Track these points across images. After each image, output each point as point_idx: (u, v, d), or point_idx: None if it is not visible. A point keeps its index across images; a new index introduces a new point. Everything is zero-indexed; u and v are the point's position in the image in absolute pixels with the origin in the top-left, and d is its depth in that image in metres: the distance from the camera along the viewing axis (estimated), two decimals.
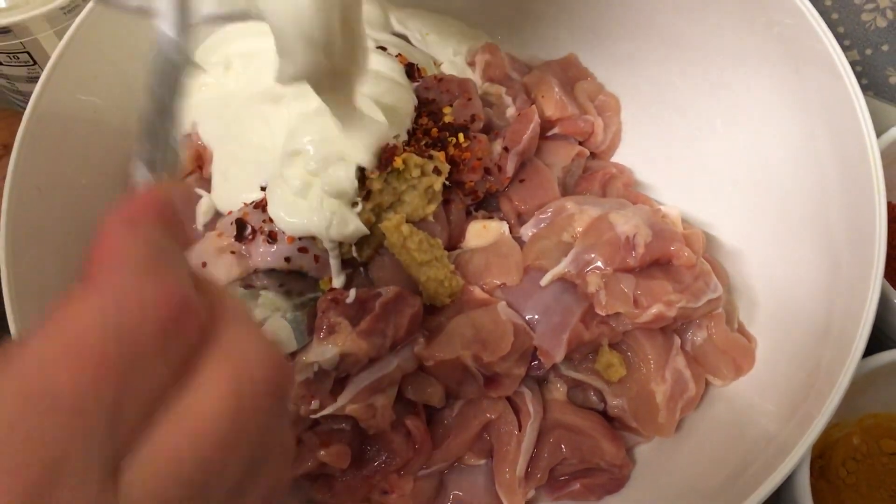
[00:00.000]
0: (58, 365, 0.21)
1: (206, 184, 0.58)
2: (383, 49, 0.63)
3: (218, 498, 0.24)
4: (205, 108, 0.60)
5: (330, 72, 0.42)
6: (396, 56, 0.63)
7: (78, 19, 0.55)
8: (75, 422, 0.21)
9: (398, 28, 0.69)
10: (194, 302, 0.24)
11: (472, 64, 0.69)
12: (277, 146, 0.55)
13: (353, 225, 0.51)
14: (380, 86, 0.56)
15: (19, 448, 0.20)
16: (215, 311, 0.26)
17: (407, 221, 0.53)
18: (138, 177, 0.30)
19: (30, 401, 0.21)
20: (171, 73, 0.31)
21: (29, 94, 0.53)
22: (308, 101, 0.54)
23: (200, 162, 0.60)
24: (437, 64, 0.68)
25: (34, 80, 0.54)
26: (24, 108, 0.53)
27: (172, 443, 0.23)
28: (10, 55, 0.64)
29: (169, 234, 0.26)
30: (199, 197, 0.58)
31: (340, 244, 0.52)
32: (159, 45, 0.32)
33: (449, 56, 0.69)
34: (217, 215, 0.57)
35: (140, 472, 0.22)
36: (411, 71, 0.62)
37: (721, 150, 0.62)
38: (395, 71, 0.60)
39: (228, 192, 0.56)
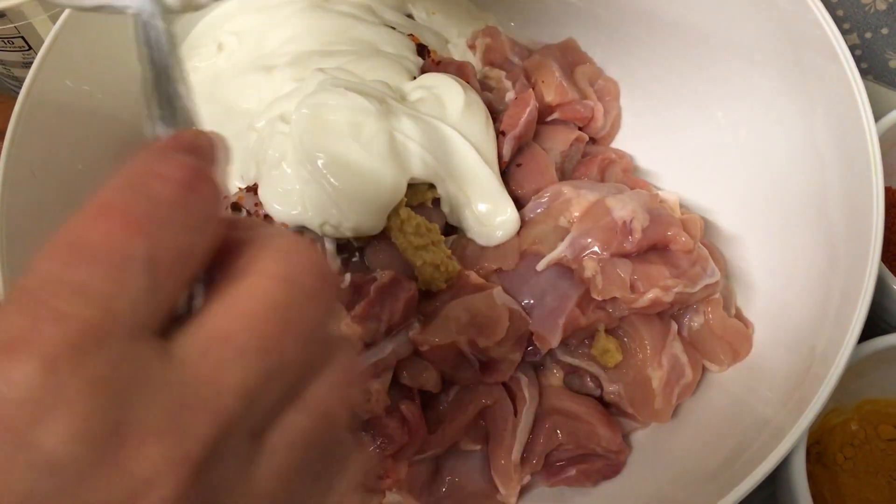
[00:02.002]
0: (87, 225, 0.21)
1: None
2: (392, 28, 0.63)
3: (276, 394, 0.23)
4: (198, 93, 0.60)
5: None
6: (408, 35, 0.63)
7: None
8: (114, 274, 0.20)
9: (409, 7, 0.68)
10: (212, 175, 0.24)
11: (472, 47, 0.68)
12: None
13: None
14: (372, 60, 0.56)
15: (63, 300, 0.20)
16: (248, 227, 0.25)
17: (405, 205, 0.53)
18: (155, 133, 0.28)
19: (67, 256, 0.21)
20: (156, 33, 0.30)
21: (24, 80, 0.53)
22: (300, 69, 0.54)
23: None
24: (447, 44, 0.68)
25: (29, 65, 0.54)
26: None
27: (232, 312, 0.22)
28: (5, 40, 0.63)
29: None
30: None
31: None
32: (137, 16, 0.30)
33: (453, 37, 0.69)
34: None
35: (192, 346, 0.22)
36: (422, 52, 0.62)
37: (719, 135, 0.62)
38: (405, 48, 0.60)
39: None
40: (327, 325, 0.25)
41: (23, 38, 0.63)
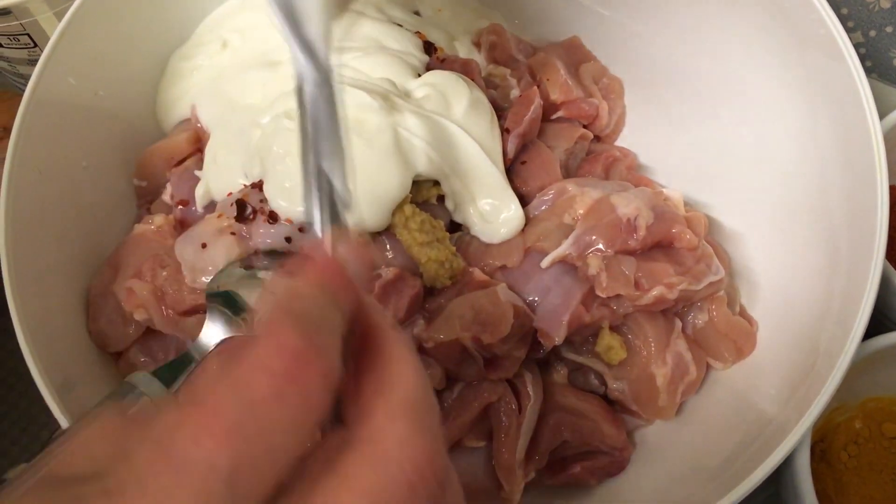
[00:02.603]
0: (178, 426, 0.21)
1: None
2: (398, 25, 0.63)
3: None
4: (203, 90, 0.60)
5: None
6: (415, 33, 0.63)
7: (77, 1, 0.54)
8: (195, 488, 0.20)
9: (416, 4, 0.68)
10: (324, 363, 0.23)
11: (477, 44, 0.68)
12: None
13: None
14: (377, 57, 0.56)
15: None
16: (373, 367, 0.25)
17: (410, 202, 0.53)
18: (310, 227, 0.27)
19: (159, 461, 0.21)
20: (319, 104, 0.28)
21: (30, 77, 0.53)
22: None
23: (200, 145, 0.60)
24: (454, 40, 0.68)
25: (35, 62, 0.54)
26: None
27: None
28: (11, 37, 0.63)
29: (331, 297, 0.25)
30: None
31: None
32: (299, 76, 0.29)
33: (458, 35, 0.69)
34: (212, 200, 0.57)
35: None
36: (428, 49, 0.62)
37: (724, 133, 0.62)
38: (411, 45, 0.60)
39: (218, 176, 0.56)
40: None
41: (28, 35, 0.63)
